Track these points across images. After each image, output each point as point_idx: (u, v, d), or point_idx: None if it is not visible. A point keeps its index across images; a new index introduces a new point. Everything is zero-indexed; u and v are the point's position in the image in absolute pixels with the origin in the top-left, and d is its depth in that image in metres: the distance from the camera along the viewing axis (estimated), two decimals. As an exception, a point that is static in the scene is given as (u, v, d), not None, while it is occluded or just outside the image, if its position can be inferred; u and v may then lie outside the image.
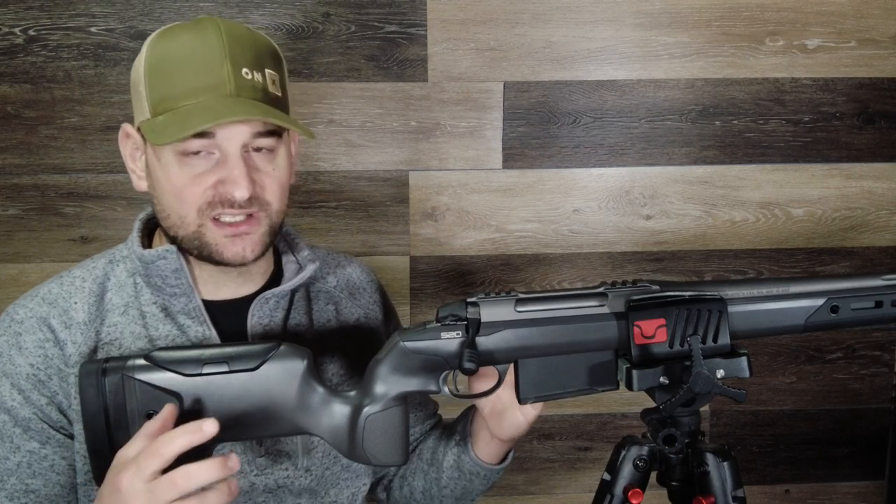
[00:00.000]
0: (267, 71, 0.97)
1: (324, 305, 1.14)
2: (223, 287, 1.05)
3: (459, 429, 1.14)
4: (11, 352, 0.98)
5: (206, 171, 0.95)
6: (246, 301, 1.05)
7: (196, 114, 0.92)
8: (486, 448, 1.10)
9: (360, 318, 1.17)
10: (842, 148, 1.70)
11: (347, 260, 1.21)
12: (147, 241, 1.05)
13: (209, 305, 1.04)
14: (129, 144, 1.02)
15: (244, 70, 0.94)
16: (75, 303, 1.01)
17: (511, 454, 1.13)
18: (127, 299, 1.03)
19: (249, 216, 0.97)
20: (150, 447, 0.80)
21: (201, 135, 0.93)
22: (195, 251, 0.99)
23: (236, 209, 0.95)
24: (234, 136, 0.94)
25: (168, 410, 0.86)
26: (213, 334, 1.03)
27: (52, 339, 0.99)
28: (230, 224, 0.96)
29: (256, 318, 1.05)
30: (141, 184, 1.02)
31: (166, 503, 0.78)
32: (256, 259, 1.00)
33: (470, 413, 1.13)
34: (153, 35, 0.98)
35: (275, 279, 1.10)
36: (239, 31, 0.97)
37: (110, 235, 1.58)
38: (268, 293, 1.04)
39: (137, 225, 1.06)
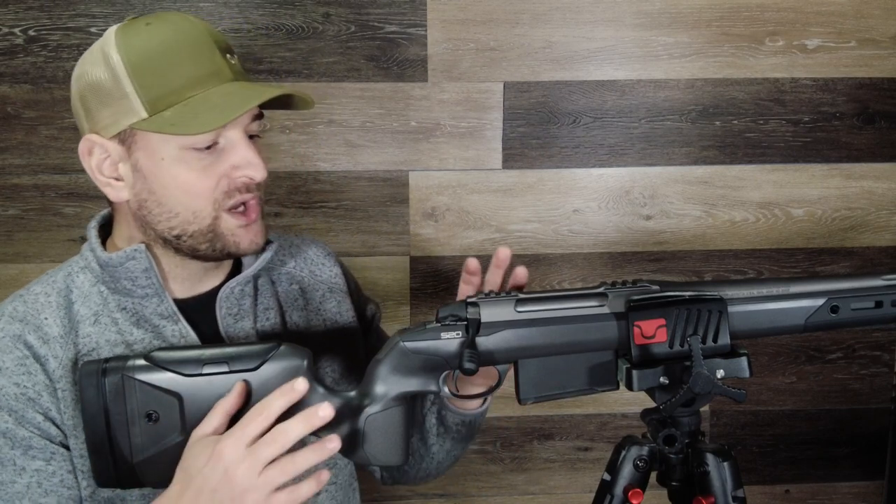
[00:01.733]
0: (235, 55, 0.99)
1: (288, 286, 1.14)
2: (197, 284, 1.04)
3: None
4: None
5: (213, 162, 0.95)
6: (212, 294, 1.05)
7: (218, 98, 0.92)
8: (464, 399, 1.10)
9: (324, 293, 1.16)
10: (842, 148, 1.70)
11: (300, 239, 1.21)
12: (102, 248, 1.02)
13: (178, 304, 1.03)
14: (95, 156, 0.96)
15: (227, 55, 0.97)
16: (45, 318, 0.98)
17: (490, 396, 1.12)
18: (95, 308, 1.00)
19: (252, 201, 0.98)
20: (251, 413, 0.86)
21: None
22: (204, 245, 0.97)
23: (252, 192, 0.97)
24: (240, 121, 0.95)
25: (239, 387, 0.90)
26: (189, 332, 1.02)
27: (31, 355, 0.96)
28: (243, 213, 0.97)
29: (225, 308, 1.04)
30: (120, 194, 0.97)
31: (266, 461, 0.83)
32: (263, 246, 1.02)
33: None
34: (113, 34, 0.94)
35: (235, 269, 1.10)
36: (201, 21, 0.98)
37: (110, 235, 1.59)
38: (231, 282, 1.04)
39: (94, 233, 1.03)
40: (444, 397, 1.10)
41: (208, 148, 0.94)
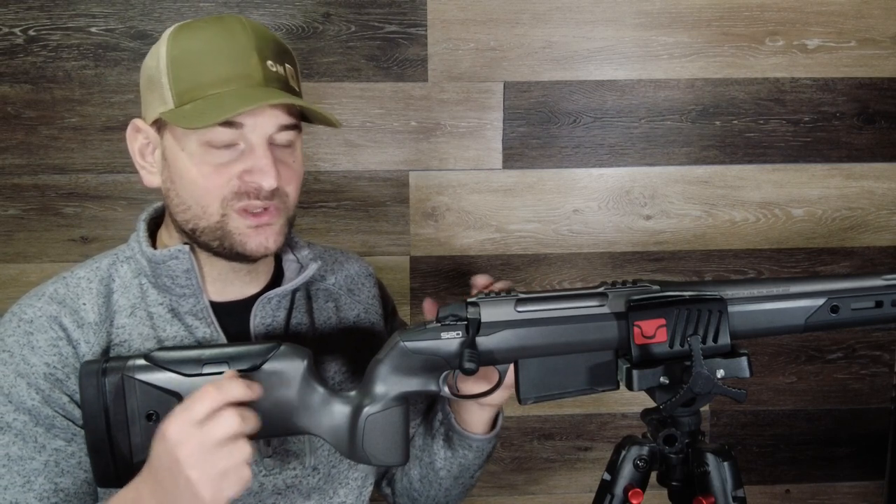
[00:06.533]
0: (286, 65, 0.99)
1: (323, 303, 1.14)
2: (229, 287, 1.05)
3: (440, 408, 1.14)
4: (24, 351, 0.97)
5: (230, 161, 0.95)
6: (249, 301, 1.05)
7: (230, 99, 0.92)
8: (472, 419, 1.10)
9: (359, 313, 1.17)
10: (842, 148, 1.70)
11: (344, 256, 1.22)
12: (150, 241, 1.05)
13: (213, 306, 1.04)
14: (138, 139, 1.02)
15: (269, 62, 0.96)
16: (84, 303, 1.01)
17: (500, 419, 1.13)
18: (133, 300, 1.02)
19: (266, 208, 0.97)
20: (199, 394, 0.84)
21: (230, 125, 0.93)
22: (215, 243, 0.98)
23: (261, 200, 0.96)
24: (262, 126, 0.95)
25: (229, 375, 0.89)
26: (219, 336, 1.03)
27: (64, 337, 0.98)
28: (254, 214, 0.97)
29: (259, 318, 1.05)
30: (152, 179, 1.02)
31: (216, 443, 0.82)
32: (277, 250, 1.01)
33: None
34: (172, 29, 0.99)
35: (275, 279, 1.10)
36: (261, 27, 0.99)
37: (110, 235, 1.58)
38: (270, 293, 1.05)
39: (142, 226, 1.05)
40: (451, 420, 1.11)
41: (227, 147, 0.95)
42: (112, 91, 1.55)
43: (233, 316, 1.05)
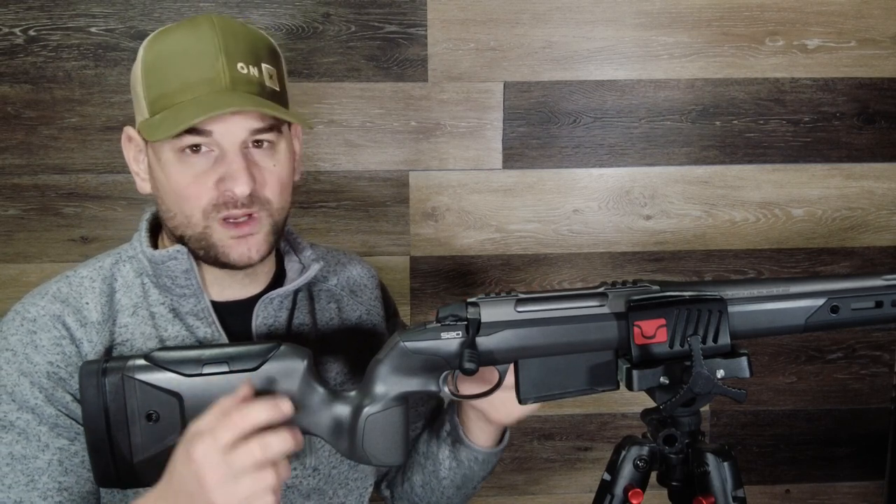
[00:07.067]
0: (263, 65, 0.97)
1: (326, 304, 1.14)
2: (228, 288, 1.05)
3: (448, 419, 1.14)
4: (27, 350, 0.97)
5: (206, 170, 0.95)
6: (251, 301, 1.05)
7: (189, 108, 0.92)
8: (481, 433, 1.10)
9: (361, 315, 1.17)
10: (842, 148, 1.70)
11: (348, 258, 1.21)
12: (152, 240, 1.05)
13: (215, 306, 1.04)
14: (131, 147, 1.02)
15: (239, 64, 0.95)
16: (87, 303, 1.01)
17: (507, 433, 1.13)
18: (136, 300, 1.03)
19: (249, 216, 0.96)
20: (226, 419, 0.81)
21: (198, 132, 0.93)
22: (201, 252, 0.98)
23: (240, 208, 0.95)
24: (232, 133, 0.94)
25: (244, 389, 0.86)
26: (221, 336, 1.03)
27: (67, 336, 0.98)
28: (236, 224, 0.96)
29: (261, 318, 1.05)
30: (144, 186, 1.02)
31: (241, 471, 0.79)
32: (262, 259, 1.00)
33: (455, 403, 1.12)
34: (150, 36, 0.99)
35: (277, 279, 1.10)
36: (234, 26, 0.98)
37: (110, 235, 1.58)
38: (272, 293, 1.05)
39: (144, 225, 1.05)
40: (459, 431, 1.11)
41: (200, 154, 0.94)
42: (112, 91, 1.55)
43: (235, 316, 1.05)
